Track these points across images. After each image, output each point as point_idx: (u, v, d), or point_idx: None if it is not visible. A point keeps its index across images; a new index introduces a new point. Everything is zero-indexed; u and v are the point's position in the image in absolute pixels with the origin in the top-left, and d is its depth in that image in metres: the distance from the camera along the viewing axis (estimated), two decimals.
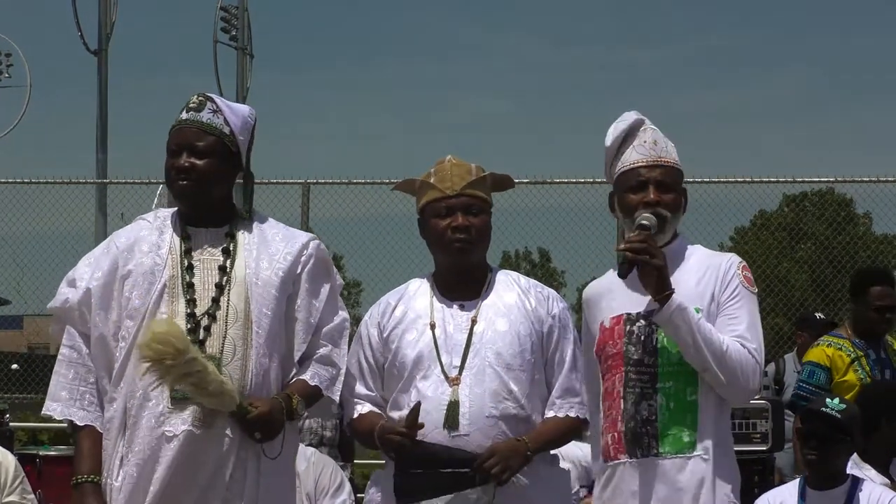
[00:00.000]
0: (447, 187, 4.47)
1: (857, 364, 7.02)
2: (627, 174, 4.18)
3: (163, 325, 4.00)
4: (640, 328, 4.11)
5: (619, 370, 4.11)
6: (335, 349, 4.34)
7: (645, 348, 4.09)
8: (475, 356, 4.39)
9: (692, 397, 4.05)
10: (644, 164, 4.16)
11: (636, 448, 4.05)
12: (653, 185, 4.13)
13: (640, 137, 4.20)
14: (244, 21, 23.89)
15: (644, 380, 4.07)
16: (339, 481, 6.35)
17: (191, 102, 4.27)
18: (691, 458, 4.04)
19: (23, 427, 13.64)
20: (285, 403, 4.15)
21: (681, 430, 4.03)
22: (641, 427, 4.04)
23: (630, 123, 4.20)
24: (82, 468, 4.17)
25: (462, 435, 4.32)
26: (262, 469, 4.14)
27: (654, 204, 4.10)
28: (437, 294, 4.52)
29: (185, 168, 4.20)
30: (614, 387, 4.10)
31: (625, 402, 4.07)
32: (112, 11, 18.55)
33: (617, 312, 4.17)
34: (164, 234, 4.26)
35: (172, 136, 4.25)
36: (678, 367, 4.05)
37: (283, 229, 4.36)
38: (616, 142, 4.20)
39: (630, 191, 4.15)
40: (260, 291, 4.19)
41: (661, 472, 4.03)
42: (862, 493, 5.41)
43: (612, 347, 4.14)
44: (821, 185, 19.76)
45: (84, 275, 4.25)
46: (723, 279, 4.14)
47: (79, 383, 4.21)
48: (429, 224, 4.50)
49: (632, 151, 4.19)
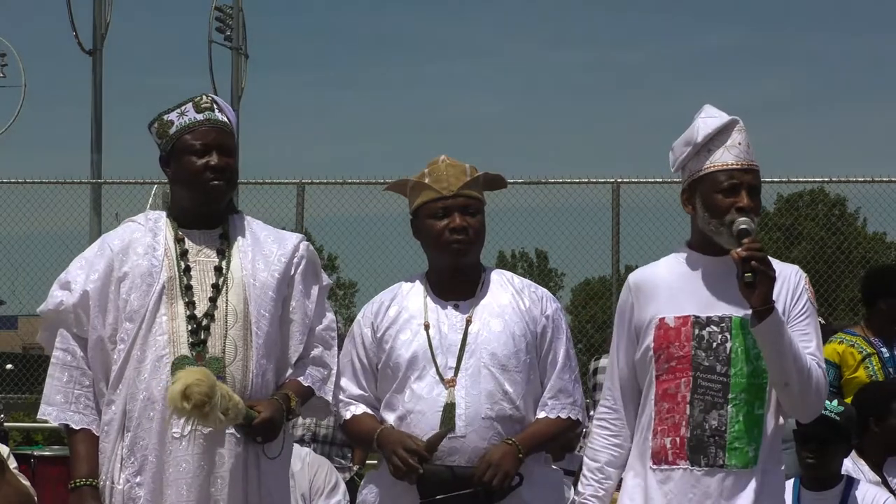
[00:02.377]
0: (443, 188, 4.46)
1: (867, 361, 7.03)
2: (718, 175, 4.03)
3: (190, 375, 3.97)
4: (712, 334, 4.01)
5: (685, 374, 4.01)
6: (326, 350, 4.35)
7: (717, 356, 4.00)
8: (470, 357, 4.38)
9: (759, 411, 3.99)
10: (738, 167, 4.04)
11: (700, 456, 3.98)
12: (745, 190, 4.02)
13: (734, 138, 4.07)
14: (239, 21, 23.90)
15: (715, 388, 3.99)
16: (333, 482, 6.35)
17: (203, 102, 4.27)
18: (753, 472, 3.99)
19: (17, 427, 13.64)
20: (284, 404, 4.16)
21: (747, 444, 3.97)
22: (709, 436, 3.97)
23: (726, 122, 4.08)
24: (80, 471, 4.15)
25: (458, 437, 4.31)
26: (262, 469, 4.16)
27: (747, 209, 3.99)
28: (431, 294, 4.51)
29: (222, 167, 4.20)
30: (679, 390, 4.01)
31: (691, 407, 3.99)
32: (107, 12, 18.56)
33: (683, 312, 4.05)
34: (159, 236, 4.25)
35: (194, 135, 4.22)
36: (750, 380, 3.98)
37: (272, 231, 4.37)
38: (707, 138, 4.06)
39: (722, 192, 4.02)
40: (258, 293, 4.20)
41: (724, 483, 3.96)
42: (856, 493, 5.42)
43: (679, 349, 4.02)
44: (814, 184, 19.79)
45: (78, 277, 4.23)
46: (793, 292, 4.05)
47: (73, 386, 4.19)
48: (424, 225, 4.48)
49: (724, 151, 4.05)
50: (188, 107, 4.27)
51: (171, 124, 4.26)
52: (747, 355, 3.99)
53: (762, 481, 3.99)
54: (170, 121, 4.26)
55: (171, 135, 4.25)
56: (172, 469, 4.05)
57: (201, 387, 3.93)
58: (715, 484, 3.97)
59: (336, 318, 4.46)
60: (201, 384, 3.94)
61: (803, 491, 5.48)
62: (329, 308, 4.42)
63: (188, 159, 4.21)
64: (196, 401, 3.92)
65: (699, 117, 4.12)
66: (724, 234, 3.99)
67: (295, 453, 6.29)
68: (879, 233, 25.68)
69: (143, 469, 4.08)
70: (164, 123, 4.27)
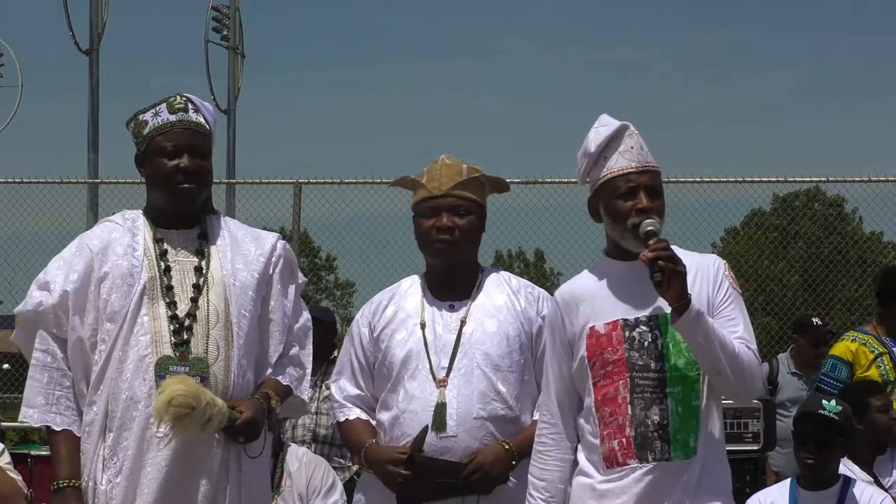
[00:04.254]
0: (434, 187, 4.48)
1: (880, 360, 7.06)
2: (616, 180, 4.11)
3: (173, 385, 3.98)
4: (642, 334, 4.07)
5: (622, 376, 4.05)
6: (302, 350, 4.35)
7: (650, 354, 4.05)
8: (463, 357, 4.40)
9: (695, 403, 4.04)
10: (633, 170, 4.11)
11: (647, 452, 4.02)
12: (643, 191, 4.09)
13: (626, 143, 4.14)
14: (236, 21, 23.88)
15: (652, 385, 4.04)
16: (331, 481, 6.34)
17: (176, 103, 4.24)
18: (693, 462, 4.03)
19: (14, 427, 13.64)
20: (265, 403, 4.16)
21: (688, 435, 4.02)
22: (653, 432, 4.02)
23: (616, 128, 4.15)
24: (61, 473, 4.13)
25: (450, 436, 4.33)
26: (243, 469, 4.16)
27: (647, 210, 4.07)
28: (428, 294, 4.53)
29: (193, 170, 4.18)
30: (618, 392, 4.05)
31: (632, 407, 4.03)
32: (104, 11, 18.52)
33: (610, 318, 4.09)
34: (137, 236, 4.23)
35: (166, 136, 4.19)
36: (684, 372, 4.04)
37: (249, 230, 4.37)
38: (600, 147, 4.13)
39: (620, 197, 4.09)
40: (238, 293, 4.19)
41: (673, 475, 4.00)
42: (853, 493, 5.42)
43: (613, 353, 4.07)
44: (811, 184, 19.81)
45: (57, 278, 4.20)
46: (713, 281, 4.11)
47: (54, 387, 4.18)
48: (415, 224, 4.53)
49: (618, 157, 4.13)
50: (162, 107, 4.24)
51: (145, 124, 4.24)
52: (678, 349, 4.05)
53: (705, 471, 4.03)
54: (144, 121, 4.24)
55: (144, 135, 4.23)
56: (154, 469, 4.04)
57: (186, 397, 3.94)
58: (663, 477, 4.00)
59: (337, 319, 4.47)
60: (186, 394, 3.94)
61: (800, 491, 5.48)
62: (304, 306, 4.43)
63: (160, 161, 4.19)
64: (182, 412, 3.93)
65: (592, 129, 4.19)
66: (630, 238, 4.06)
67: (292, 453, 6.29)
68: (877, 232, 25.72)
69: (129, 469, 4.06)
70: (139, 123, 4.25)
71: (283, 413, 4.39)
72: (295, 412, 4.49)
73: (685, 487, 4.01)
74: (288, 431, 7.28)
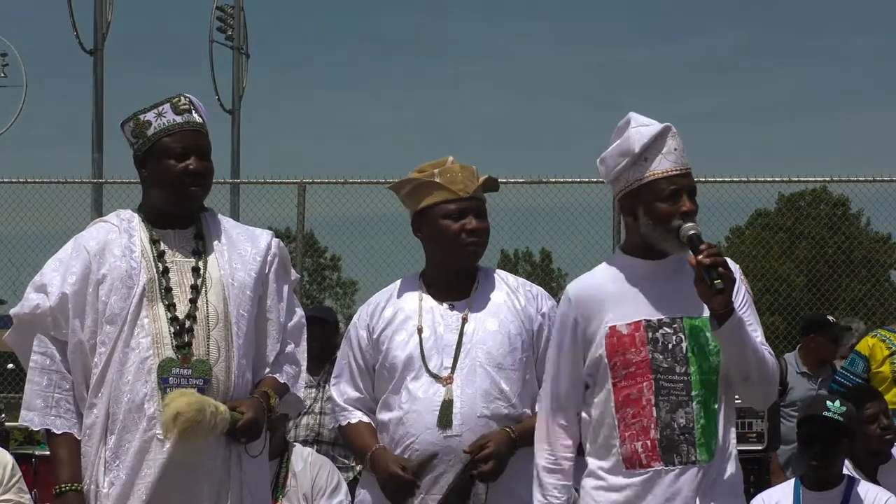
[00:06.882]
0: (460, 189, 4.47)
1: (894, 357, 7.09)
2: (659, 182, 4.06)
3: (177, 399, 3.98)
4: (666, 336, 4.05)
5: (646, 378, 4.03)
6: (297, 347, 4.34)
7: (675, 357, 4.04)
8: (466, 356, 4.40)
9: (714, 406, 4.05)
10: (677, 173, 4.07)
11: (673, 455, 4.01)
12: (686, 195, 4.07)
13: (669, 144, 4.09)
14: (240, 20, 23.92)
15: (678, 388, 4.03)
16: (335, 482, 6.35)
17: (181, 104, 4.21)
18: (713, 465, 4.03)
19: (19, 427, 13.65)
20: (265, 402, 4.15)
21: (711, 438, 4.03)
22: (679, 435, 4.01)
23: (660, 129, 4.10)
24: (63, 476, 4.11)
25: (454, 435, 4.33)
26: (244, 468, 4.15)
27: (691, 213, 4.04)
28: (427, 295, 4.53)
29: (201, 172, 4.18)
30: (642, 394, 4.03)
31: (658, 409, 4.02)
32: (108, 11, 18.54)
33: (632, 318, 4.06)
34: (134, 237, 4.20)
35: (174, 138, 4.17)
36: (707, 377, 4.04)
37: (243, 229, 4.35)
38: (644, 147, 4.08)
39: (664, 200, 4.05)
40: (236, 293, 4.18)
41: (696, 478, 4.00)
42: (858, 493, 5.42)
43: (636, 355, 4.04)
44: (816, 184, 19.79)
45: (54, 280, 4.17)
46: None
47: (53, 390, 4.15)
48: (437, 225, 4.48)
49: (662, 159, 4.07)
50: (166, 107, 4.21)
51: (148, 125, 4.20)
52: (703, 353, 4.05)
53: (721, 472, 4.05)
54: (147, 121, 4.20)
55: (148, 136, 4.19)
56: (156, 470, 4.03)
57: (191, 411, 3.94)
58: (689, 480, 4.00)
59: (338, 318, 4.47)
60: (191, 407, 3.94)
61: (805, 491, 5.48)
62: (297, 303, 4.42)
63: (168, 163, 4.17)
64: (188, 426, 3.94)
65: (631, 128, 4.14)
66: (671, 240, 4.04)
67: (297, 453, 6.30)
68: (884, 234, 25.72)
69: (130, 470, 4.05)
70: (141, 123, 4.21)
71: (280, 411, 4.40)
72: (292, 409, 4.49)
73: (705, 489, 4.01)
74: (290, 431, 7.27)
